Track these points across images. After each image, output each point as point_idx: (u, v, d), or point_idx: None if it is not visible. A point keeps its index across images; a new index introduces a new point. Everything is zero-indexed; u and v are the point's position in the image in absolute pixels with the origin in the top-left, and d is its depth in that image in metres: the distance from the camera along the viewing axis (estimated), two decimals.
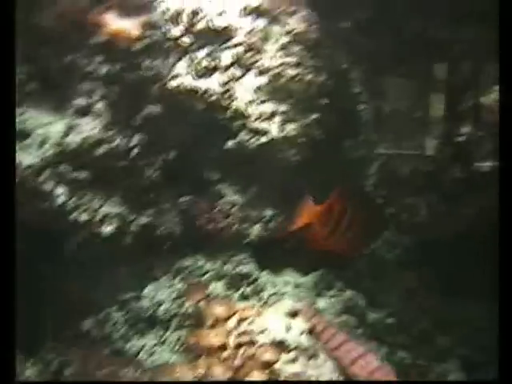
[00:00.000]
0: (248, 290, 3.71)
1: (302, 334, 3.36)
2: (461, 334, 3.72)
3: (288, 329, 3.37)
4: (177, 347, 3.41)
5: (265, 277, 3.83)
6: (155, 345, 3.43)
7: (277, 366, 3.19)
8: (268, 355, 3.23)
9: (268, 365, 3.19)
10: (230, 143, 3.57)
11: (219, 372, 3.12)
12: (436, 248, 3.91)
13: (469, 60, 2.95)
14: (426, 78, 3.20)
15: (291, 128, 3.60)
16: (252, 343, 3.28)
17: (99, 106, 3.20)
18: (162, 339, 3.45)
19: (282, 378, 3.12)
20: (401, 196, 3.36)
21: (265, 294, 3.70)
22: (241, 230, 3.77)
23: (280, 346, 3.27)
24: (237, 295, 3.69)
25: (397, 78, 3.34)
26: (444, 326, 3.78)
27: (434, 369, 3.61)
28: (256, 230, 3.80)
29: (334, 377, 3.17)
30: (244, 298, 3.68)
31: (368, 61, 3.45)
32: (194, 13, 3.47)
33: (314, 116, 3.65)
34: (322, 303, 3.80)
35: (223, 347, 3.25)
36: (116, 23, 3.08)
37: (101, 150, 3.18)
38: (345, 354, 3.13)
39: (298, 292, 3.83)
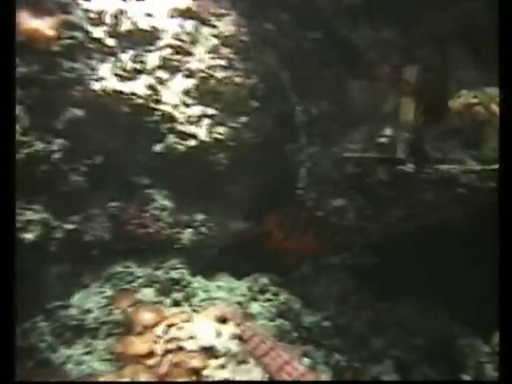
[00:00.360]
0: (179, 295, 3.65)
1: (231, 339, 3.34)
2: (394, 335, 3.73)
3: (218, 334, 3.34)
4: (105, 356, 3.31)
5: (197, 282, 3.78)
6: (83, 354, 3.33)
7: (205, 372, 3.15)
8: (195, 362, 3.18)
9: (195, 371, 3.15)
10: (158, 147, 3.52)
11: (144, 380, 3.07)
12: (368, 251, 3.94)
13: (390, 62, 2.97)
14: (352, 80, 3.21)
15: (220, 131, 3.57)
16: (180, 350, 3.23)
17: (16, 109, 3.09)
18: (91, 348, 3.36)
19: None
20: (329, 199, 3.36)
21: (196, 300, 3.64)
22: (172, 234, 3.72)
23: (209, 352, 3.23)
24: (168, 301, 3.63)
25: (326, 80, 3.34)
26: (378, 328, 3.79)
27: (369, 370, 3.61)
28: (187, 234, 3.75)
29: None
30: (175, 304, 3.62)
31: (296, 63, 3.44)
32: (118, 14, 3.40)
33: (244, 119, 3.63)
34: (256, 307, 3.77)
35: (150, 354, 3.19)
36: (30, 22, 2.98)
37: (19, 155, 3.07)
38: (272, 360, 3.13)
39: (231, 297, 3.79)
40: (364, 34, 2.98)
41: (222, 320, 3.46)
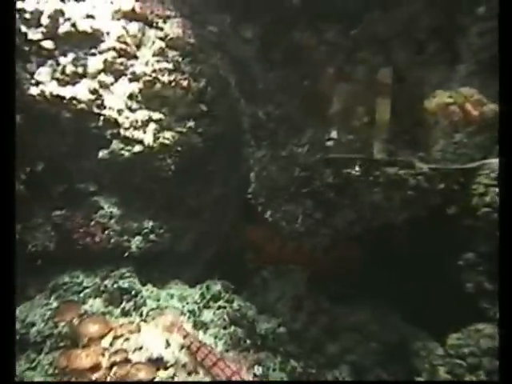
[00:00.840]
0: (129, 305, 3.54)
1: (181, 349, 3.26)
2: (349, 340, 3.68)
3: (167, 344, 3.25)
4: (50, 371, 3.18)
5: (147, 291, 3.69)
6: (26, 370, 3.18)
7: None
8: (143, 374, 3.09)
9: None
10: (103, 153, 3.42)
11: None
12: (322, 254, 3.89)
13: (331, 62, 2.92)
14: (297, 82, 3.15)
15: (167, 136, 3.48)
16: (127, 362, 3.13)
17: None
18: (34, 363, 3.21)
19: None
20: (279, 203, 3.30)
21: (146, 309, 3.55)
22: (120, 242, 3.61)
23: (157, 362, 3.14)
24: (117, 311, 3.53)
25: (270, 83, 3.27)
26: (333, 333, 3.74)
27: (325, 376, 3.56)
28: (136, 242, 3.65)
29: None
30: (125, 314, 3.51)
31: (240, 66, 3.37)
32: (56, 15, 3.26)
33: (191, 123, 3.54)
34: (208, 315, 3.69)
35: (95, 368, 3.08)
36: None
37: None
38: (220, 371, 3.07)
39: (183, 305, 3.70)
40: (307, 35, 2.92)
41: (172, 330, 3.38)
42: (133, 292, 3.60)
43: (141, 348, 3.20)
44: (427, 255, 3.50)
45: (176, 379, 3.14)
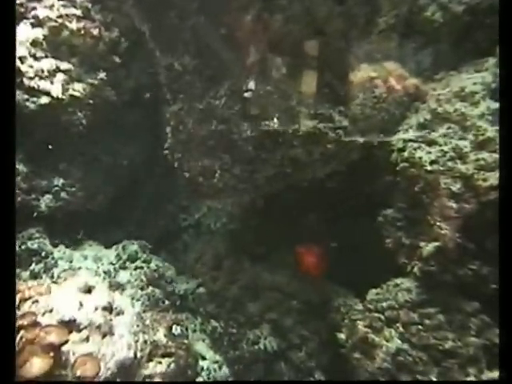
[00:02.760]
0: (38, 267, 3.36)
1: (95, 310, 3.14)
2: (270, 299, 3.68)
3: (80, 306, 3.12)
4: None
5: (59, 252, 3.51)
6: None
7: (66, 347, 2.94)
8: (53, 336, 2.94)
9: (53, 347, 2.92)
10: None
11: None
12: (244, 214, 3.86)
13: (249, 10, 2.82)
14: (214, 31, 3.02)
15: (77, 88, 3.27)
16: (35, 325, 2.98)
17: None
18: None
19: (72, 359, 2.91)
20: (196, 158, 3.19)
21: (57, 271, 3.38)
22: (28, 201, 3.39)
23: (70, 325, 3.01)
24: (26, 274, 3.34)
25: (186, 32, 3.12)
26: (254, 292, 3.73)
27: (247, 336, 3.55)
28: (46, 201, 3.45)
29: (130, 354, 3.03)
30: (34, 276, 3.33)
31: (154, 15, 3.19)
32: None
33: (103, 75, 3.34)
34: (125, 276, 3.58)
35: None
36: None
37: None
38: None
39: (98, 266, 3.57)
40: None
41: (87, 290, 3.25)
42: (43, 253, 3.42)
43: (51, 310, 3.04)
44: (347, 211, 3.54)
45: (90, 341, 3.02)
